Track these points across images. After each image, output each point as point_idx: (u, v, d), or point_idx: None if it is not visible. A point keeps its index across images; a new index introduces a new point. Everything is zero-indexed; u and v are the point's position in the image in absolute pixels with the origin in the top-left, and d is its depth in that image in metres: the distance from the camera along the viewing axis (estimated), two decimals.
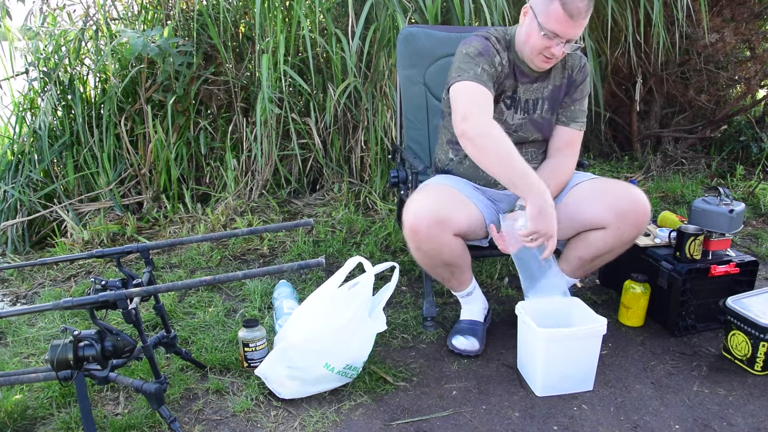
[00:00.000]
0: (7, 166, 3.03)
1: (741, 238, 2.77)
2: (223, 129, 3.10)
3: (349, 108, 3.05)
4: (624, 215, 1.72)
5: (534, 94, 1.85)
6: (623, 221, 1.73)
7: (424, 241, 1.69)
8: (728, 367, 1.82)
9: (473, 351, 1.86)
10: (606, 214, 1.73)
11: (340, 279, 1.66)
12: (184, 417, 1.60)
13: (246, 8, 3.09)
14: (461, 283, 1.90)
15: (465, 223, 1.74)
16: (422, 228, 1.66)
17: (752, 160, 3.72)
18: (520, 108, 1.86)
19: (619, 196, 1.75)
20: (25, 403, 1.62)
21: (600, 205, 1.75)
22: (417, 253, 1.76)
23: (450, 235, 1.70)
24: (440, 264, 1.78)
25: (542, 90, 1.86)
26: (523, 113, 1.86)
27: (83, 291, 2.28)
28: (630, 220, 1.73)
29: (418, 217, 1.67)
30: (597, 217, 1.75)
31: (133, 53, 2.71)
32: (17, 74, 3.12)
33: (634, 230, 1.75)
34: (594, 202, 1.76)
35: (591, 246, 1.80)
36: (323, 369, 1.61)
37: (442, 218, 1.66)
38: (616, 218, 1.72)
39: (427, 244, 1.70)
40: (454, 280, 1.88)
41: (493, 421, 1.58)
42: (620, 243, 1.78)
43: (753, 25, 3.39)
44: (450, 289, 1.96)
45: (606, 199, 1.75)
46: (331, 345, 1.60)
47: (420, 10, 2.75)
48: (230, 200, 2.92)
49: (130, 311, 1.36)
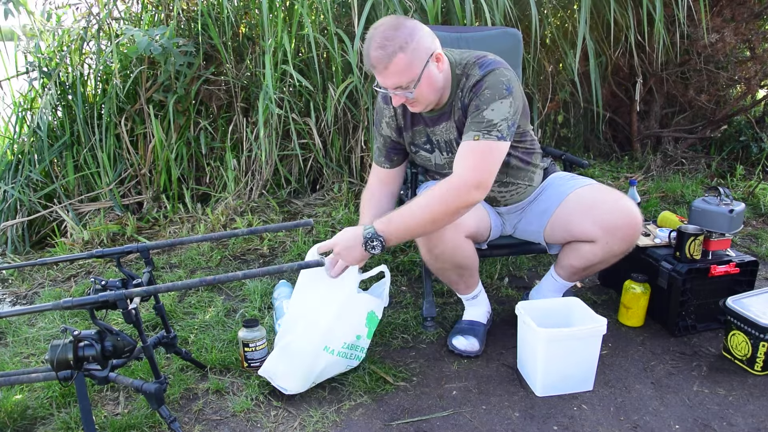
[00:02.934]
0: (7, 166, 3.04)
1: (741, 238, 2.77)
2: (223, 129, 3.10)
3: (350, 108, 3.05)
4: (612, 231, 1.71)
5: (446, 135, 1.75)
6: (612, 236, 1.71)
7: (438, 244, 1.69)
8: (728, 367, 1.82)
9: (473, 351, 1.86)
10: (594, 229, 1.72)
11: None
12: (184, 417, 1.60)
13: (247, 8, 3.09)
14: (469, 286, 1.90)
15: (475, 225, 1.75)
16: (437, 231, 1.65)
17: (752, 160, 3.72)
18: (440, 149, 1.79)
19: (607, 211, 1.72)
20: (25, 403, 1.62)
21: (589, 220, 1.73)
22: (429, 257, 1.75)
23: (463, 237, 1.71)
24: (451, 267, 1.78)
25: (451, 129, 1.73)
26: (445, 153, 1.79)
27: (83, 291, 2.28)
28: (619, 235, 1.71)
29: None
30: (585, 232, 1.74)
31: (138, 52, 2.70)
32: (18, 74, 3.12)
33: (623, 244, 1.73)
34: (583, 217, 1.75)
35: (581, 257, 1.80)
36: (324, 353, 1.62)
37: (457, 221, 1.64)
38: (604, 233, 1.71)
39: (440, 247, 1.69)
40: (462, 283, 1.88)
41: (493, 421, 1.58)
42: (610, 255, 1.77)
43: (753, 25, 3.38)
44: (456, 292, 1.96)
45: (595, 214, 1.73)
46: (324, 326, 1.61)
47: (420, 10, 2.75)
48: (230, 200, 2.92)
49: (130, 311, 1.36)
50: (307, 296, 1.68)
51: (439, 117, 1.73)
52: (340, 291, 1.64)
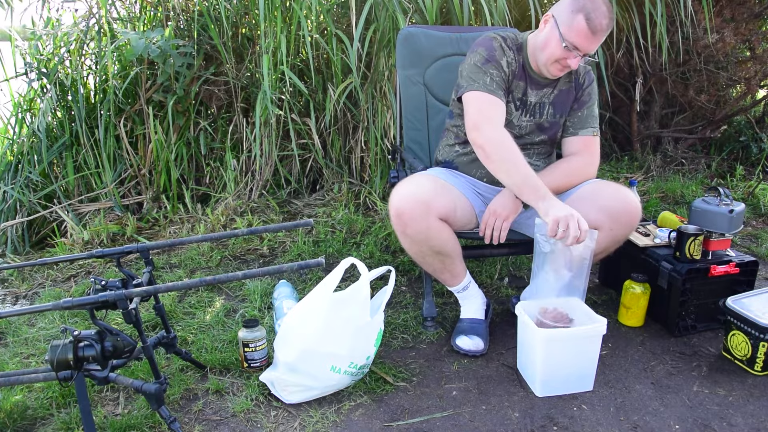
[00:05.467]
0: (7, 166, 3.04)
1: (741, 238, 2.77)
2: (223, 129, 3.10)
3: (349, 108, 3.05)
4: (616, 216, 1.76)
5: (541, 98, 1.90)
6: (616, 222, 1.76)
7: (409, 223, 1.71)
8: (728, 367, 1.82)
9: (478, 351, 1.86)
10: (599, 215, 1.75)
11: (336, 280, 1.65)
12: (184, 417, 1.60)
13: (246, 9, 3.09)
14: (454, 275, 1.90)
15: (450, 207, 1.76)
16: (406, 210, 1.70)
17: (752, 160, 3.72)
18: (528, 111, 1.90)
19: (610, 198, 1.79)
20: (25, 403, 1.62)
21: (593, 207, 1.77)
22: (404, 239, 1.78)
23: (434, 218, 1.72)
24: (429, 252, 1.79)
25: (549, 95, 1.90)
26: (530, 116, 1.90)
27: (83, 291, 2.28)
28: (622, 220, 1.77)
29: (402, 200, 1.71)
30: (590, 219, 1.75)
31: (135, 55, 2.72)
32: (18, 75, 3.12)
33: (626, 230, 1.80)
34: (587, 205, 1.78)
35: None
36: (330, 372, 1.61)
37: (425, 200, 1.70)
38: (609, 220, 1.75)
39: (412, 226, 1.71)
40: (446, 271, 1.88)
41: (493, 421, 1.58)
42: (613, 242, 1.82)
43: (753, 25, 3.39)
44: (444, 283, 1.96)
45: (598, 202, 1.78)
46: (333, 347, 1.60)
47: (420, 10, 2.75)
48: (230, 200, 2.92)
49: (130, 311, 1.36)
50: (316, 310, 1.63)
51: (546, 83, 1.89)
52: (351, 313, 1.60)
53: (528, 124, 1.91)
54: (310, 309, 1.65)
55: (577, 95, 1.92)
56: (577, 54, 1.72)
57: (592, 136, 1.92)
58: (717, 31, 3.15)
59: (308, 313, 1.65)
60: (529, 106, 1.89)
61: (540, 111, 1.90)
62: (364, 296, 1.61)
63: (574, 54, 1.72)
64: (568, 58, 1.74)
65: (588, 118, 1.92)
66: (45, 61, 3.06)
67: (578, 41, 1.70)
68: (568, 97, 1.92)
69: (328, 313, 1.60)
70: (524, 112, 1.90)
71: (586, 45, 1.71)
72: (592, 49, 1.74)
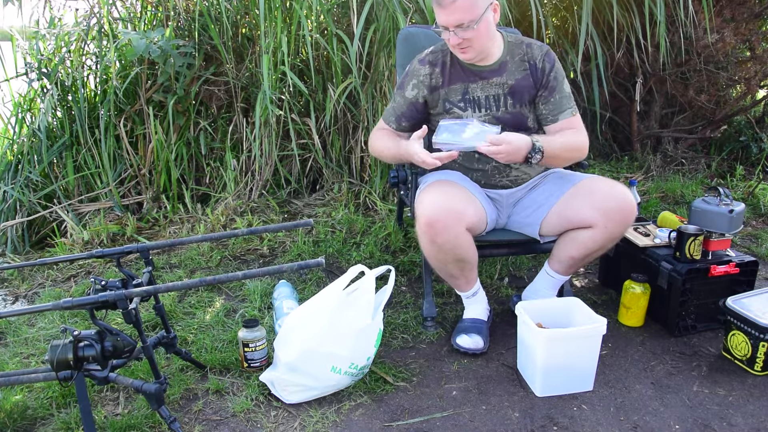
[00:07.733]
0: (7, 166, 3.04)
1: (741, 238, 2.77)
2: (223, 129, 3.10)
3: (349, 108, 3.05)
4: (611, 214, 1.76)
5: (493, 90, 1.86)
6: (610, 220, 1.76)
7: (441, 233, 1.70)
8: (728, 367, 1.82)
9: (478, 349, 1.86)
10: (593, 213, 1.76)
11: (343, 285, 1.65)
12: (184, 417, 1.60)
13: (246, 9, 3.09)
14: (469, 281, 1.90)
15: (475, 217, 1.77)
16: (440, 219, 1.68)
17: (752, 160, 3.72)
18: (478, 106, 1.87)
19: (605, 195, 1.78)
20: (25, 403, 1.62)
21: (587, 205, 1.78)
22: (431, 248, 1.76)
23: (463, 228, 1.72)
24: (452, 260, 1.79)
25: (502, 86, 1.86)
26: (485, 110, 1.87)
27: (83, 291, 2.28)
28: (617, 218, 1.76)
29: (434, 209, 1.69)
30: (584, 218, 1.79)
31: (135, 55, 2.72)
32: (18, 75, 3.12)
33: (621, 227, 1.79)
34: (581, 203, 1.80)
35: (581, 245, 1.82)
36: (330, 372, 1.61)
37: (458, 209, 1.71)
38: (603, 217, 1.75)
39: (443, 236, 1.71)
40: (462, 278, 1.88)
41: (493, 421, 1.58)
42: (609, 240, 1.81)
43: (753, 25, 3.38)
44: (456, 288, 1.96)
45: (593, 199, 1.78)
46: (335, 348, 1.60)
47: (420, 10, 2.75)
48: (230, 200, 2.92)
49: (130, 311, 1.36)
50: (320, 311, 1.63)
51: (491, 74, 1.86)
52: (355, 315, 1.61)
53: (484, 119, 1.86)
54: (315, 309, 1.65)
55: (542, 82, 1.85)
56: (446, 31, 1.73)
57: (571, 116, 1.86)
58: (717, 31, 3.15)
59: (312, 314, 1.65)
60: (478, 102, 1.87)
61: (496, 103, 1.87)
62: (369, 298, 1.61)
63: (448, 32, 1.73)
64: (449, 38, 1.75)
65: (562, 101, 1.85)
66: (46, 61, 3.06)
67: (439, 19, 1.74)
68: (527, 85, 1.86)
69: (334, 312, 1.60)
70: (474, 109, 1.87)
71: (444, 19, 1.71)
72: (453, 21, 1.70)
